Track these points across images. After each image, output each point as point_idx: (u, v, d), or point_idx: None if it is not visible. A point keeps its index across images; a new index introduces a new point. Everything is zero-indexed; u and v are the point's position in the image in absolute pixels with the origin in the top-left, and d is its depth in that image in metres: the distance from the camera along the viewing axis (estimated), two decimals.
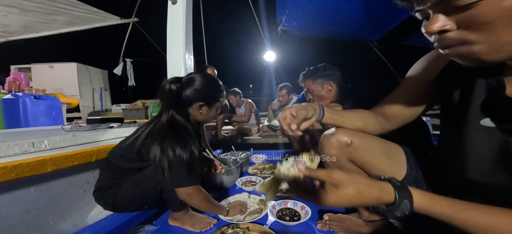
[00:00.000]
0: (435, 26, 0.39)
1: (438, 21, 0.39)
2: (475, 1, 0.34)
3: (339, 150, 0.73)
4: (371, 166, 0.72)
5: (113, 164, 0.94)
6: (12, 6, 2.90)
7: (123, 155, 0.93)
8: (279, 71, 5.47)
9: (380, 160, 0.71)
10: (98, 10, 3.64)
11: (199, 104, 0.95)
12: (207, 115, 1.00)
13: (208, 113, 0.99)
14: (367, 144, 0.71)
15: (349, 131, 0.73)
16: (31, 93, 2.70)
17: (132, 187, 0.91)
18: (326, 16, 2.42)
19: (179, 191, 0.88)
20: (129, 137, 0.95)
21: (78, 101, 4.51)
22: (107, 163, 0.95)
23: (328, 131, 0.78)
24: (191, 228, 0.96)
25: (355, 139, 0.71)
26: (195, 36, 1.81)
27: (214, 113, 1.03)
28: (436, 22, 0.39)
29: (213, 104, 0.99)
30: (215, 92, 0.99)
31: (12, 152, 0.82)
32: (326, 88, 1.44)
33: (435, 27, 0.39)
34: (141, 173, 0.92)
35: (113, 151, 0.96)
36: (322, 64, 1.49)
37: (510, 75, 0.46)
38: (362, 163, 0.73)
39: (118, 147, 0.96)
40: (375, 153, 0.71)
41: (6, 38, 3.73)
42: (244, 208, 1.07)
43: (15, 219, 0.77)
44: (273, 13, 2.52)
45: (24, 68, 5.13)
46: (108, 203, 0.92)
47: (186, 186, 0.87)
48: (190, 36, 1.59)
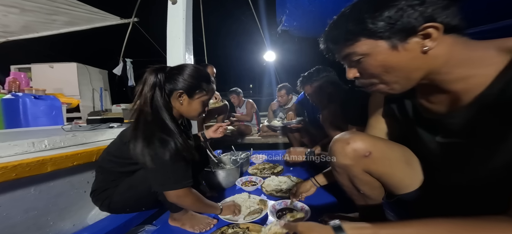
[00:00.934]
0: (349, 75, 0.58)
1: (350, 72, 0.57)
2: (358, 59, 0.53)
3: (355, 160, 0.67)
4: (389, 177, 0.68)
5: (105, 167, 0.93)
6: (12, 6, 2.90)
7: (112, 160, 0.91)
8: (279, 71, 5.47)
9: (399, 170, 0.67)
10: (98, 10, 3.64)
11: (178, 92, 0.86)
12: (189, 108, 0.90)
13: (190, 105, 0.89)
14: (387, 154, 0.66)
15: (367, 138, 0.68)
16: (31, 93, 2.70)
17: (126, 190, 0.90)
18: (326, 16, 2.42)
19: (168, 194, 0.82)
20: (115, 140, 0.94)
21: (78, 101, 4.51)
22: (99, 166, 0.95)
23: (341, 135, 0.71)
24: (191, 229, 0.96)
25: (375, 149, 0.65)
26: (195, 36, 1.81)
27: (199, 108, 0.92)
28: (349, 73, 0.58)
29: (195, 94, 0.89)
30: (197, 81, 0.88)
31: (12, 152, 0.83)
32: (322, 91, 1.47)
33: (350, 75, 0.58)
34: (134, 175, 0.90)
35: (102, 156, 0.95)
36: (315, 67, 1.52)
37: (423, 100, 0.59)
38: (380, 174, 0.68)
39: (106, 152, 0.94)
40: (395, 163, 0.66)
41: (6, 38, 3.73)
42: (237, 210, 1.03)
43: (15, 219, 0.77)
44: (273, 13, 2.52)
45: (24, 68, 5.13)
46: (104, 204, 0.91)
47: (175, 188, 0.81)
48: (190, 36, 1.59)
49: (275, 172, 1.64)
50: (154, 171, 0.79)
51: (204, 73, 0.92)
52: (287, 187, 1.34)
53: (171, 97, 0.88)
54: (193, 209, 0.94)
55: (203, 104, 0.93)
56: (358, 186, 0.73)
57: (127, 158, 0.86)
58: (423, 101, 0.59)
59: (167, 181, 0.80)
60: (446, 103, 0.54)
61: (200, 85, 0.89)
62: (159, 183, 0.82)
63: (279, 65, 5.66)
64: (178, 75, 0.86)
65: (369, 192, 0.74)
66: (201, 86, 0.89)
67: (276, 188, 1.33)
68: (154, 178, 0.81)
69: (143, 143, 0.77)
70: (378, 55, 0.50)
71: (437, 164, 0.61)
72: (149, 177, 0.83)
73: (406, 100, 0.64)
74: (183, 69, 0.88)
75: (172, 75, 0.87)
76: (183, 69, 0.88)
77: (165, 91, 0.86)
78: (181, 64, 0.92)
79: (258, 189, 1.36)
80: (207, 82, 0.91)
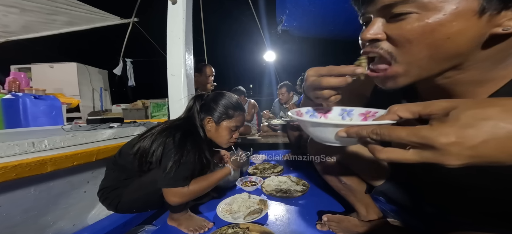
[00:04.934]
0: (369, 33, 0.42)
1: (373, 28, 0.42)
2: (406, 12, 0.38)
3: (326, 152, 0.79)
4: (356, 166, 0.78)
5: (120, 164, 0.92)
6: (12, 6, 2.90)
7: (128, 157, 0.90)
8: (279, 71, 5.47)
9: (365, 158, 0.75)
10: (98, 10, 3.64)
11: (207, 119, 0.96)
12: (216, 134, 0.97)
13: (217, 131, 0.97)
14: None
15: None
16: (31, 93, 2.71)
17: (136, 190, 0.90)
18: (326, 16, 2.43)
19: (173, 192, 0.84)
20: (135, 139, 0.93)
21: (78, 101, 4.52)
22: (114, 162, 0.94)
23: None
24: (186, 229, 0.96)
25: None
26: (195, 36, 1.81)
27: (226, 134, 0.97)
28: (371, 29, 0.42)
29: (221, 120, 0.96)
30: (224, 108, 0.95)
31: (12, 152, 0.82)
32: None
33: (369, 35, 0.42)
34: (145, 176, 0.90)
35: (122, 150, 0.94)
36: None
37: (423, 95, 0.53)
38: (348, 162, 0.79)
39: (128, 145, 0.93)
40: (362, 150, 0.75)
41: (6, 38, 3.73)
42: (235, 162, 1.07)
43: (15, 219, 0.77)
44: (273, 13, 2.52)
45: (24, 68, 5.13)
46: (112, 204, 0.91)
47: (179, 186, 0.84)
48: (190, 36, 1.58)
49: (275, 172, 1.64)
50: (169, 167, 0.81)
51: (233, 101, 0.98)
52: (287, 187, 1.34)
53: (203, 122, 0.96)
54: (204, 191, 0.92)
55: (230, 131, 0.98)
56: (336, 175, 0.84)
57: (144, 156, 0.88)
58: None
59: (177, 178, 0.83)
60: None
61: (227, 112, 0.96)
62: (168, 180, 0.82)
63: (279, 65, 5.66)
64: (210, 102, 0.96)
65: (350, 182, 0.83)
66: (227, 113, 0.96)
67: (276, 188, 1.33)
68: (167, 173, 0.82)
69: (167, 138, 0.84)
70: (450, 15, 0.35)
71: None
72: (159, 173, 0.84)
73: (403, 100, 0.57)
74: (215, 96, 0.98)
75: (206, 103, 0.97)
76: (215, 96, 0.98)
77: (200, 117, 0.96)
78: (216, 92, 1.01)
79: (258, 189, 1.36)
80: (234, 109, 0.97)
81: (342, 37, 3.23)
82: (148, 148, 0.86)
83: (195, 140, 0.89)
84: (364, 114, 0.54)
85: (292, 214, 1.07)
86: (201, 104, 0.97)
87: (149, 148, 0.86)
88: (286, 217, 1.05)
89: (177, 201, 0.86)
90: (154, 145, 0.85)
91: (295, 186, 1.35)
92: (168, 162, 0.81)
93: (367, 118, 0.51)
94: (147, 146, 0.86)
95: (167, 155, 0.83)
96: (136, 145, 0.88)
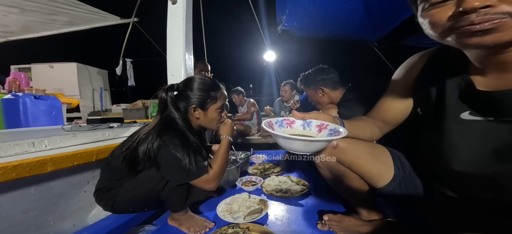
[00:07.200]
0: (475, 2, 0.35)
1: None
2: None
3: (326, 152, 0.78)
4: (357, 167, 0.76)
5: (113, 165, 0.93)
6: (12, 6, 2.90)
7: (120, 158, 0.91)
8: (279, 71, 5.47)
9: (366, 161, 0.76)
10: (98, 10, 3.63)
11: (192, 107, 0.94)
12: (206, 119, 0.96)
13: (206, 116, 0.96)
14: (352, 146, 0.75)
15: None
16: (31, 93, 2.71)
17: (131, 189, 0.90)
18: (326, 16, 2.42)
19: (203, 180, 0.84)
20: (130, 138, 0.94)
21: (78, 101, 4.52)
22: (107, 164, 0.95)
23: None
24: (186, 229, 0.96)
25: (340, 141, 0.74)
26: (195, 36, 1.81)
27: (216, 115, 0.97)
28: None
29: (207, 105, 0.95)
30: (205, 93, 0.94)
31: (12, 152, 0.82)
32: (319, 94, 1.45)
33: (477, 3, 0.35)
34: (139, 175, 0.91)
35: (113, 152, 0.95)
36: (314, 68, 1.48)
37: (474, 74, 0.53)
38: (349, 164, 0.77)
39: (119, 148, 0.94)
40: (361, 155, 0.75)
41: (6, 38, 3.73)
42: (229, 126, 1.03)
43: (15, 219, 0.77)
44: (273, 13, 2.52)
45: (24, 68, 5.14)
46: (107, 204, 0.91)
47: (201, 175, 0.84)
48: (190, 36, 1.58)
49: (275, 172, 1.64)
50: (171, 166, 0.82)
51: (210, 83, 0.97)
52: (287, 187, 1.34)
53: (187, 113, 0.94)
54: (225, 166, 0.93)
55: (218, 112, 0.98)
56: (338, 177, 0.82)
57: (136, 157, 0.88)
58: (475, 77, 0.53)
59: (191, 171, 0.82)
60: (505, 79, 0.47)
61: (209, 95, 0.95)
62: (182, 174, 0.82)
63: (279, 65, 5.66)
64: (187, 91, 0.93)
65: (349, 183, 0.82)
66: (210, 96, 0.95)
67: (276, 188, 1.33)
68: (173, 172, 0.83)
69: (159, 142, 0.81)
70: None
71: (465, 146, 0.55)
72: (166, 174, 0.85)
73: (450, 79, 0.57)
74: (191, 84, 0.94)
75: (182, 92, 0.93)
76: (191, 84, 0.94)
77: (180, 109, 0.92)
78: (186, 79, 0.97)
79: (258, 189, 1.36)
80: (215, 90, 0.97)
81: (342, 37, 3.22)
82: (135, 150, 0.86)
83: (181, 131, 0.88)
84: (319, 126, 0.75)
85: (292, 214, 1.07)
86: (176, 95, 0.93)
87: (136, 151, 0.85)
88: (286, 217, 1.05)
89: (210, 186, 0.86)
90: (142, 147, 0.84)
91: (295, 186, 1.35)
92: (174, 163, 0.81)
93: (321, 129, 0.74)
94: (134, 148, 0.86)
95: (166, 157, 0.82)
96: (124, 146, 0.89)
